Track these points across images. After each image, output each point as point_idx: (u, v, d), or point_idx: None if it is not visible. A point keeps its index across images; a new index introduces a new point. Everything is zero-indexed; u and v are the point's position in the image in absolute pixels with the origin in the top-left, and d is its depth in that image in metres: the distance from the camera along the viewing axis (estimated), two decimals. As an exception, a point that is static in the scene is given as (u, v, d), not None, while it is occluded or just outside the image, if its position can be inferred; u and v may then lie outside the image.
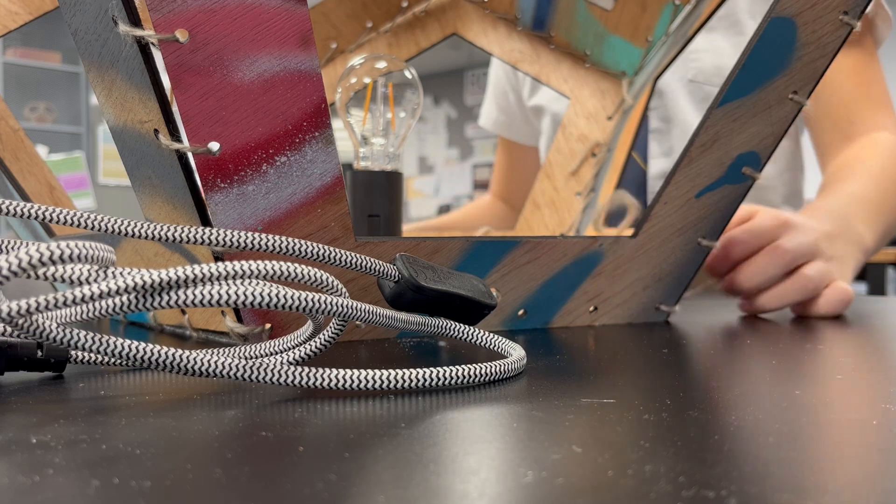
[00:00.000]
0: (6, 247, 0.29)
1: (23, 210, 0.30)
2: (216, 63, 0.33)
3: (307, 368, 0.26)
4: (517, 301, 0.46)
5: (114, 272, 0.26)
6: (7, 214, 0.30)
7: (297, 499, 0.16)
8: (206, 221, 0.36)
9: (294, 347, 0.32)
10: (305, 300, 0.26)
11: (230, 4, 0.33)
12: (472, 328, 0.35)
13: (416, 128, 5.65)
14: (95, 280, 0.26)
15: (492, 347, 0.34)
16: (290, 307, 0.26)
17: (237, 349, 0.32)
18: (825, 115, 0.90)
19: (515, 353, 0.32)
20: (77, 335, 0.25)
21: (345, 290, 0.29)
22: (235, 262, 0.26)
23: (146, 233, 0.31)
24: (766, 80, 0.46)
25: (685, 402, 0.26)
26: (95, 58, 0.37)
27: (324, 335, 0.31)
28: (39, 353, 0.29)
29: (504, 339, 0.34)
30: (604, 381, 0.30)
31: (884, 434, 0.22)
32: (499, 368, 0.29)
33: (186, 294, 0.25)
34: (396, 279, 0.34)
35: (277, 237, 0.31)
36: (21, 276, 0.23)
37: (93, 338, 0.25)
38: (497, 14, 0.73)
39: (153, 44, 0.33)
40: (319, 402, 0.26)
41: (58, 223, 0.31)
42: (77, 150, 4.15)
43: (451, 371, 0.28)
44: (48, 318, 0.28)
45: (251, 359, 0.30)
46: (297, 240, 0.31)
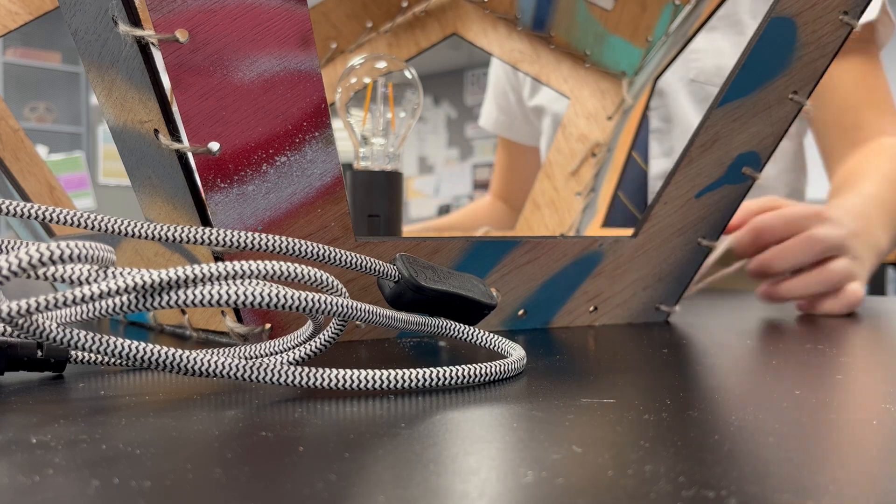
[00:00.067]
0: (6, 247, 0.29)
1: (23, 210, 0.30)
2: (216, 63, 0.33)
3: (307, 368, 0.26)
4: (517, 301, 0.46)
5: (114, 272, 0.26)
6: (7, 214, 0.30)
7: (297, 499, 0.16)
8: (206, 221, 0.36)
9: (294, 347, 0.32)
10: (305, 300, 0.26)
11: (230, 4, 0.33)
12: (472, 328, 0.35)
13: (416, 128, 5.65)
14: (95, 280, 0.26)
15: (492, 347, 0.34)
16: (290, 307, 0.26)
17: (237, 349, 0.32)
18: (832, 121, 0.91)
19: (515, 353, 0.32)
20: (77, 335, 0.25)
21: (345, 290, 0.29)
22: (235, 262, 0.26)
23: (146, 233, 0.31)
24: (766, 80, 0.46)
25: (685, 402, 0.26)
26: (95, 58, 0.37)
27: (324, 335, 0.31)
28: (39, 353, 0.29)
29: (504, 339, 0.34)
30: (604, 381, 0.30)
31: (884, 434, 0.22)
32: (499, 368, 0.29)
33: (186, 294, 0.25)
34: (396, 279, 0.34)
35: (277, 237, 0.31)
36: (21, 276, 0.23)
37: (93, 338, 0.25)
38: (497, 14, 0.73)
39: (153, 44, 0.33)
40: (319, 402, 0.26)
41: (58, 223, 0.31)
42: (77, 150, 4.15)
43: (451, 371, 0.28)
44: (48, 318, 0.28)
45: (251, 359, 0.30)
46: (297, 240, 0.31)
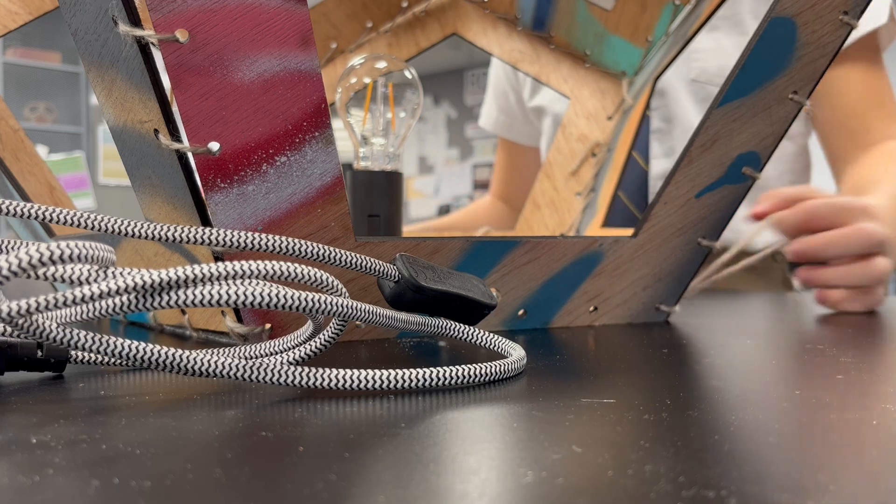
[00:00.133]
0: (6, 247, 0.29)
1: (23, 210, 0.30)
2: (216, 63, 0.33)
3: (307, 368, 0.26)
4: (517, 301, 0.46)
5: (114, 272, 0.26)
6: (7, 214, 0.30)
7: (297, 499, 0.16)
8: (206, 221, 0.36)
9: (294, 347, 0.32)
10: (305, 300, 0.26)
11: (230, 4, 0.33)
12: (472, 328, 0.35)
13: (416, 128, 5.65)
14: (95, 280, 0.26)
15: (492, 347, 0.34)
16: (290, 307, 0.26)
17: (237, 349, 0.32)
18: (839, 124, 0.92)
19: (515, 353, 0.32)
20: (77, 335, 0.25)
21: (345, 290, 0.29)
22: (235, 262, 0.26)
23: (146, 233, 0.31)
24: (766, 80, 0.46)
25: (685, 402, 0.26)
26: (95, 58, 0.37)
27: (324, 335, 0.31)
28: (39, 353, 0.29)
29: (504, 339, 0.34)
30: (604, 381, 0.30)
31: (884, 434, 0.22)
32: (499, 368, 0.29)
33: (186, 294, 0.25)
34: (396, 279, 0.34)
35: (277, 237, 0.31)
36: (21, 276, 0.23)
37: (93, 338, 0.25)
38: (497, 14, 0.73)
39: (153, 44, 0.33)
40: (319, 402, 0.26)
41: (58, 223, 0.31)
42: (77, 150, 4.15)
43: (451, 371, 0.28)
44: (48, 318, 0.28)
45: (251, 359, 0.30)
46: (297, 240, 0.31)
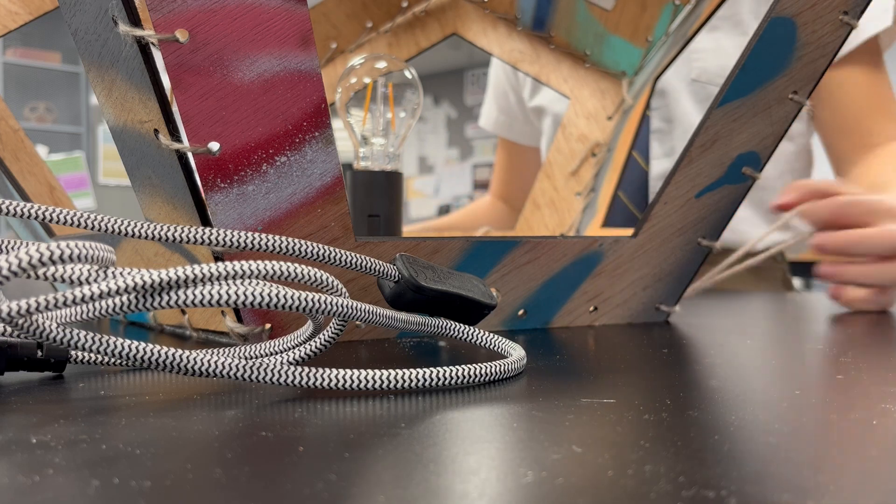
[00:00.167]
0: (6, 247, 0.29)
1: (23, 210, 0.30)
2: (216, 63, 0.33)
3: (307, 368, 0.26)
4: (517, 301, 0.46)
5: (114, 272, 0.26)
6: (7, 214, 0.30)
7: (297, 499, 0.16)
8: (206, 221, 0.36)
9: (294, 347, 0.32)
10: (305, 300, 0.26)
11: (230, 4, 0.33)
12: (472, 328, 0.35)
13: (416, 128, 5.65)
14: (95, 280, 0.26)
15: (492, 347, 0.34)
16: (290, 307, 0.26)
17: (237, 349, 0.32)
18: (844, 126, 0.93)
19: (515, 353, 0.32)
20: (77, 335, 0.25)
21: (345, 290, 0.29)
22: (235, 262, 0.26)
23: (146, 233, 0.31)
24: (766, 80, 0.46)
25: (685, 402, 0.26)
26: (95, 58, 0.37)
27: (324, 335, 0.31)
28: (39, 353, 0.29)
29: (504, 339, 0.34)
30: (604, 381, 0.30)
31: (884, 434, 0.22)
32: (499, 368, 0.29)
33: (186, 294, 0.25)
34: (396, 279, 0.34)
35: (277, 237, 0.31)
36: (21, 276, 0.23)
37: (93, 338, 0.25)
38: (497, 14, 0.73)
39: (153, 44, 0.33)
40: (319, 402, 0.26)
41: (58, 223, 0.31)
42: (77, 150, 4.15)
43: (451, 371, 0.28)
44: (48, 318, 0.28)
45: (251, 359, 0.30)
46: (297, 240, 0.31)
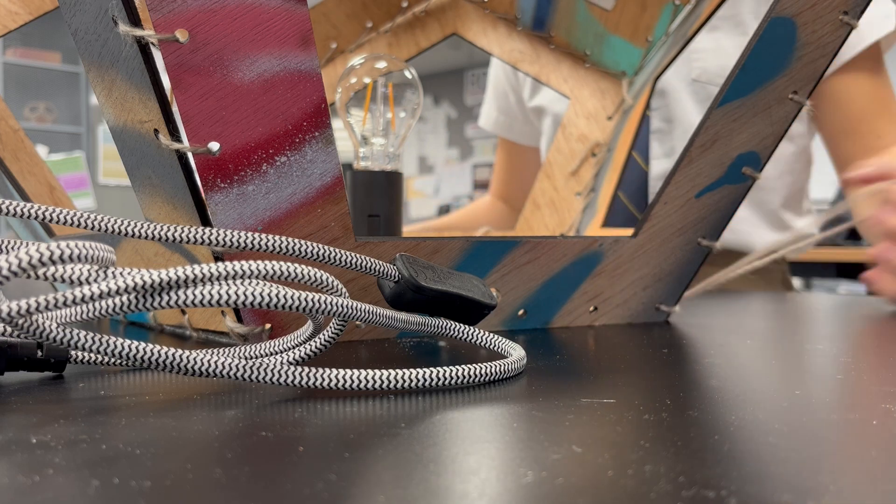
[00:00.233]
0: (6, 247, 0.29)
1: (23, 210, 0.30)
2: (216, 63, 0.33)
3: (307, 368, 0.26)
4: (517, 301, 0.46)
5: (114, 272, 0.26)
6: (7, 214, 0.30)
7: (297, 499, 0.16)
8: (206, 221, 0.36)
9: (294, 347, 0.32)
10: (305, 300, 0.26)
11: (230, 4, 0.33)
12: (472, 328, 0.35)
13: (416, 128, 5.65)
14: (95, 280, 0.26)
15: (492, 347, 0.34)
16: (290, 307, 0.26)
17: (237, 349, 0.32)
18: (849, 129, 0.94)
19: (515, 353, 0.32)
20: (77, 335, 0.25)
21: (345, 290, 0.29)
22: (235, 262, 0.26)
23: (146, 233, 0.31)
24: (766, 80, 0.46)
25: (685, 402, 0.26)
26: (95, 58, 0.37)
27: (324, 335, 0.31)
28: (39, 353, 0.29)
29: (504, 339, 0.34)
30: (604, 381, 0.30)
31: (884, 434, 0.22)
32: (499, 368, 0.29)
33: (186, 294, 0.25)
34: (396, 279, 0.34)
35: (277, 237, 0.31)
36: (21, 276, 0.23)
37: (93, 338, 0.25)
38: (497, 14, 0.73)
39: (153, 44, 0.33)
40: (319, 402, 0.26)
41: (58, 223, 0.31)
42: (77, 150, 4.15)
43: (451, 371, 0.28)
44: (48, 318, 0.28)
45: (251, 359, 0.30)
46: (297, 240, 0.31)
